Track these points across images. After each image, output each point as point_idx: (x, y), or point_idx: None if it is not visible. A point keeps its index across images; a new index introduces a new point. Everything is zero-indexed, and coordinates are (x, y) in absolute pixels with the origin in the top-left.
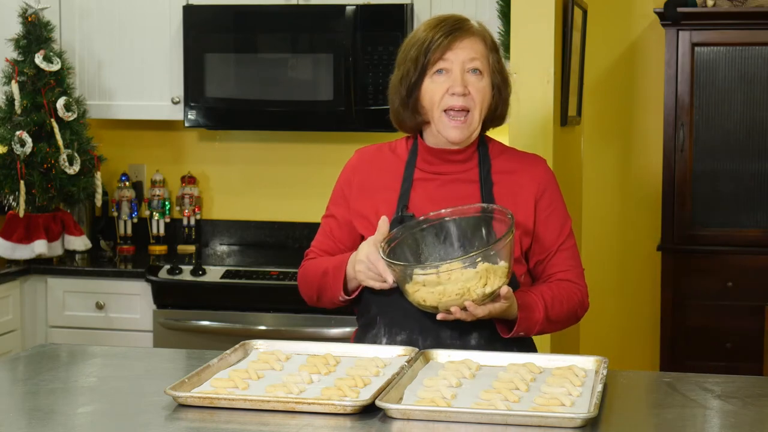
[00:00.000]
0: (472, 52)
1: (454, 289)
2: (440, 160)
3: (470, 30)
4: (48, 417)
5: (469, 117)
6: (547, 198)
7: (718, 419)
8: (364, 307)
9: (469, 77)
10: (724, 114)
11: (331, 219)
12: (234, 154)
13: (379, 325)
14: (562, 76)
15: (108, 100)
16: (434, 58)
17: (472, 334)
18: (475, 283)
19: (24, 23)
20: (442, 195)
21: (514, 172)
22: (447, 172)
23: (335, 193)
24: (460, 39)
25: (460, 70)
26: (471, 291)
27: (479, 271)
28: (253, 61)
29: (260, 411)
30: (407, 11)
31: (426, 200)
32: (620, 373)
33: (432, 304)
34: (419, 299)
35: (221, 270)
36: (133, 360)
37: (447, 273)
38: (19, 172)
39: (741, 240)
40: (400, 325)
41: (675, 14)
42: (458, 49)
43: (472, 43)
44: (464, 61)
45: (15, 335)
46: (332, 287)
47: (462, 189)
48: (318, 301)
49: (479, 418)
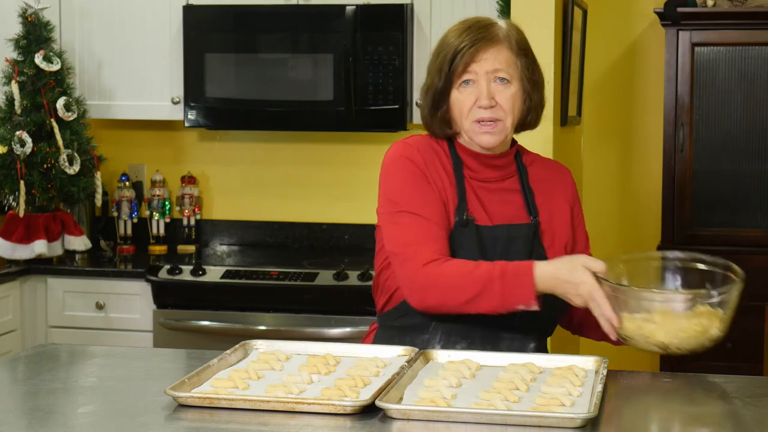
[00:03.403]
0: (496, 62)
1: (692, 325)
2: (484, 167)
3: (495, 38)
4: (48, 417)
5: (500, 124)
6: (577, 207)
7: (718, 419)
8: (411, 308)
9: (495, 87)
10: (724, 114)
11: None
12: (234, 154)
13: (434, 331)
14: (562, 76)
15: (108, 100)
16: (459, 70)
17: (530, 345)
18: (710, 321)
19: (24, 23)
20: (492, 202)
21: (547, 181)
22: (492, 179)
23: (411, 179)
24: (484, 49)
25: (486, 81)
26: (709, 330)
27: (710, 312)
28: (253, 61)
29: (260, 411)
30: (407, 11)
31: (479, 206)
32: (620, 373)
33: (662, 340)
34: (645, 333)
35: (221, 270)
36: (133, 360)
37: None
38: (19, 172)
39: (741, 240)
40: (459, 334)
41: (675, 14)
42: (482, 60)
43: (497, 52)
44: (489, 71)
45: (15, 335)
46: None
47: (507, 197)
48: (464, 306)
49: (479, 418)
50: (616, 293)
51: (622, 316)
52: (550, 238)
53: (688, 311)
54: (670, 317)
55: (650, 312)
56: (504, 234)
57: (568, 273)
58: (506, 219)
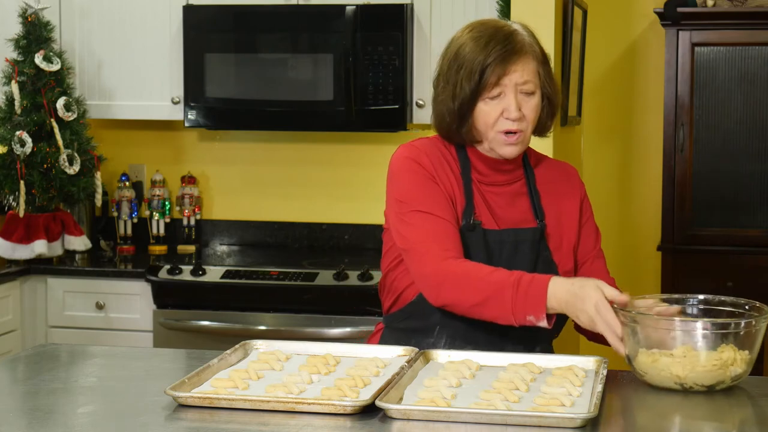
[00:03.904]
0: (526, 75)
1: (711, 359)
2: (493, 171)
3: (522, 49)
4: (48, 417)
5: (523, 135)
6: (586, 205)
7: (718, 419)
8: (421, 313)
9: (522, 99)
10: (724, 114)
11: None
12: (234, 154)
13: (440, 335)
14: (562, 76)
15: (108, 100)
16: (491, 83)
17: (536, 348)
18: (732, 357)
19: (24, 23)
20: (500, 206)
21: (554, 182)
22: (500, 182)
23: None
24: (514, 62)
25: (514, 93)
26: (730, 366)
27: (732, 348)
28: (253, 61)
29: (260, 411)
30: (407, 11)
31: (487, 210)
32: (620, 373)
33: (678, 374)
34: (661, 366)
35: (221, 270)
36: (133, 360)
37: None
38: (19, 172)
39: (741, 240)
40: (464, 338)
41: (675, 14)
42: (513, 73)
43: (525, 64)
44: (518, 84)
45: (15, 335)
46: (529, 302)
47: (515, 201)
48: (473, 308)
49: (479, 418)
50: (632, 323)
51: (637, 350)
52: (557, 241)
53: (709, 348)
54: (689, 350)
55: (667, 344)
56: (511, 238)
57: (579, 288)
58: (513, 223)
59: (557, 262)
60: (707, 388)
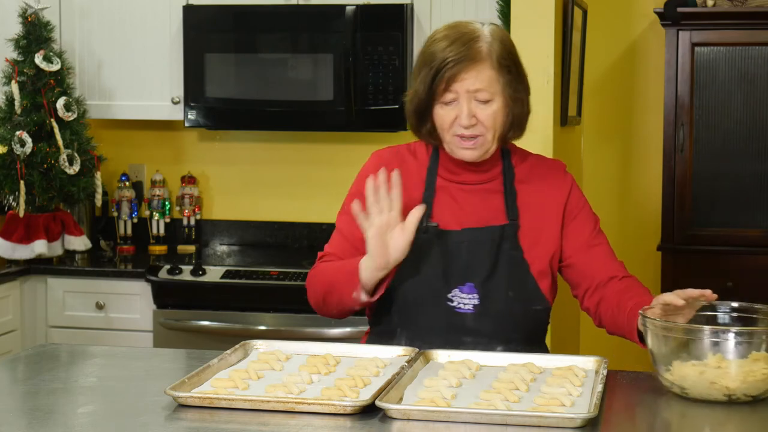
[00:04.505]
0: (478, 83)
1: (759, 368)
2: (463, 169)
3: (477, 56)
4: (48, 417)
5: (481, 139)
6: (573, 200)
7: (718, 419)
8: (383, 315)
9: (476, 106)
10: (724, 114)
11: (349, 218)
12: (234, 154)
13: (400, 337)
14: (562, 76)
15: (108, 100)
16: (441, 89)
17: (496, 348)
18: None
19: (24, 23)
20: (466, 205)
21: (537, 180)
22: (471, 181)
23: (355, 198)
24: (466, 69)
25: (467, 100)
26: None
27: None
28: (253, 61)
29: (260, 411)
30: (407, 11)
31: (448, 210)
32: (620, 373)
33: (727, 385)
34: (710, 378)
35: (221, 270)
36: (133, 360)
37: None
38: (19, 172)
39: (741, 240)
40: (422, 339)
41: (675, 14)
42: (464, 80)
43: (478, 72)
44: (470, 91)
45: (15, 335)
46: (345, 287)
47: (488, 199)
48: (324, 304)
49: (479, 418)
50: (671, 333)
51: (672, 360)
52: (533, 239)
53: (745, 357)
54: (734, 361)
55: (707, 355)
56: (469, 237)
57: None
58: (482, 221)
59: (529, 261)
60: (752, 398)
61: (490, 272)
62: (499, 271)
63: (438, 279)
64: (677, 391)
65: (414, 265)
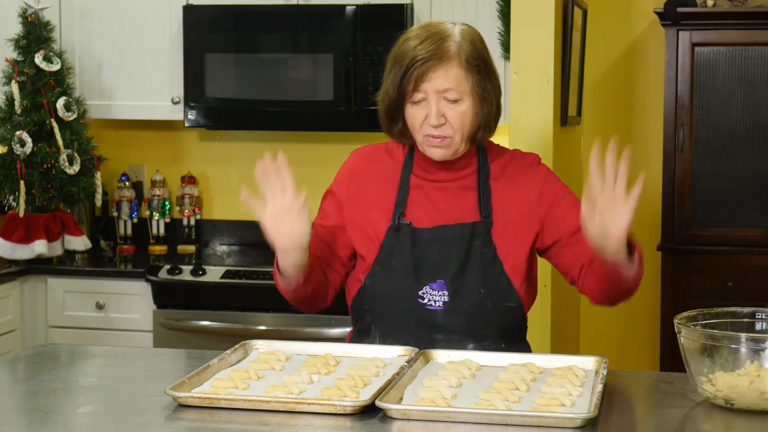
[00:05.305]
0: (446, 82)
1: None
2: (437, 168)
3: (445, 56)
4: (48, 417)
5: (450, 140)
6: (548, 189)
7: (718, 420)
8: (358, 313)
9: (445, 106)
10: (724, 114)
11: (322, 213)
12: (234, 154)
13: (374, 334)
14: (562, 76)
15: (108, 100)
16: (410, 89)
17: (468, 346)
18: None
19: (24, 23)
20: (440, 203)
21: (511, 176)
22: (444, 179)
23: (329, 196)
24: (434, 69)
25: (435, 100)
26: None
27: None
28: (253, 61)
29: (260, 411)
30: (407, 11)
31: (422, 208)
32: (620, 373)
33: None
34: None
35: (221, 270)
36: (133, 360)
37: None
38: (19, 172)
39: (741, 240)
40: (394, 336)
41: (675, 14)
42: (432, 79)
43: (446, 71)
44: (438, 91)
45: (15, 335)
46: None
47: (459, 197)
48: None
49: (479, 418)
50: (712, 341)
51: (715, 371)
52: (508, 234)
53: None
54: (758, 368)
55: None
56: (440, 234)
57: None
58: (455, 218)
59: (502, 257)
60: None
61: (460, 269)
62: (470, 267)
63: (409, 276)
64: (720, 402)
65: (387, 263)
